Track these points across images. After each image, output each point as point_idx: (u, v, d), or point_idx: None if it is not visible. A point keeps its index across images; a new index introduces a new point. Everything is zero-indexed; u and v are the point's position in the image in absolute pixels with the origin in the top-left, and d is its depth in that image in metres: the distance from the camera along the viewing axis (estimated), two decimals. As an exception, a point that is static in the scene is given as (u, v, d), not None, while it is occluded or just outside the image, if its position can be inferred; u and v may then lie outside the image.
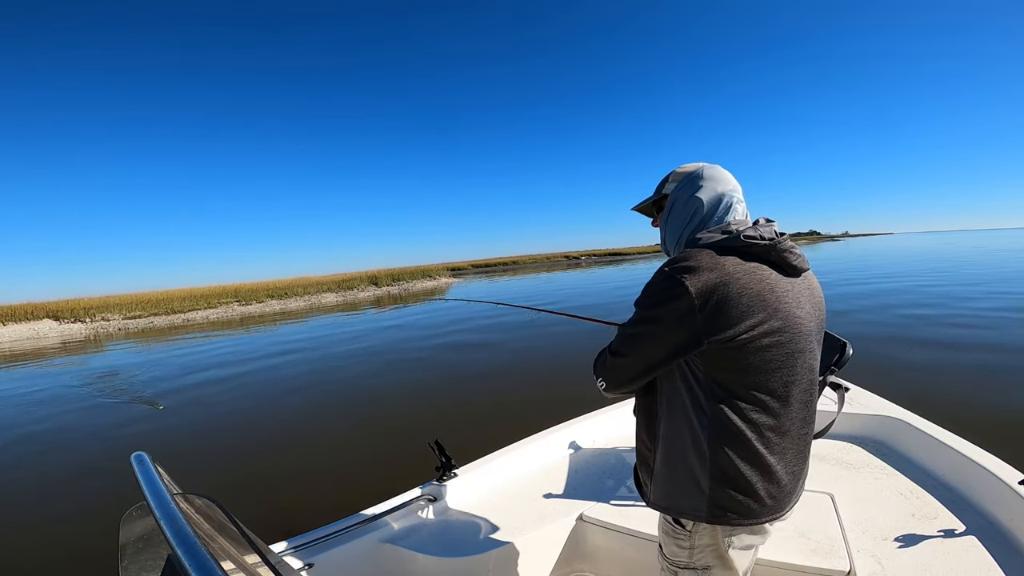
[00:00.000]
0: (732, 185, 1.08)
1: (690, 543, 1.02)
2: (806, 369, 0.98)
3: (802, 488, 1.05)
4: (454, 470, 1.99)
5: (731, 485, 0.95)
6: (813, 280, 1.06)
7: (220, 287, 36.20)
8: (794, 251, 0.98)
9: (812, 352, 0.99)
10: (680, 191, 1.10)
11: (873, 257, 33.79)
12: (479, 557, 1.64)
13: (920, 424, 2.10)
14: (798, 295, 0.97)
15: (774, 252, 0.95)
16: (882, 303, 11.18)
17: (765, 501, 0.96)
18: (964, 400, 4.73)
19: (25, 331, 22.93)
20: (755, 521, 0.97)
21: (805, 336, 0.96)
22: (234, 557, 0.82)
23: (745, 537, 1.00)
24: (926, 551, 1.48)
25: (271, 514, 3.56)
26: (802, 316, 0.96)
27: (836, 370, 1.60)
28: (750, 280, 0.91)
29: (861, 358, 5.85)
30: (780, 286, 0.94)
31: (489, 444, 2.29)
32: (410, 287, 34.46)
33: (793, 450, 0.99)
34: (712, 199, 1.06)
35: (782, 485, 0.97)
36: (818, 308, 1.03)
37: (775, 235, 0.97)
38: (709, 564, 1.01)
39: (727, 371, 0.93)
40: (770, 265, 0.95)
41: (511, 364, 7.88)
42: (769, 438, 0.95)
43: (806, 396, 0.99)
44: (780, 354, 0.93)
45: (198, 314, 25.87)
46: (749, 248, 0.95)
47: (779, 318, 0.92)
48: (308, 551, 1.58)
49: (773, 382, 0.94)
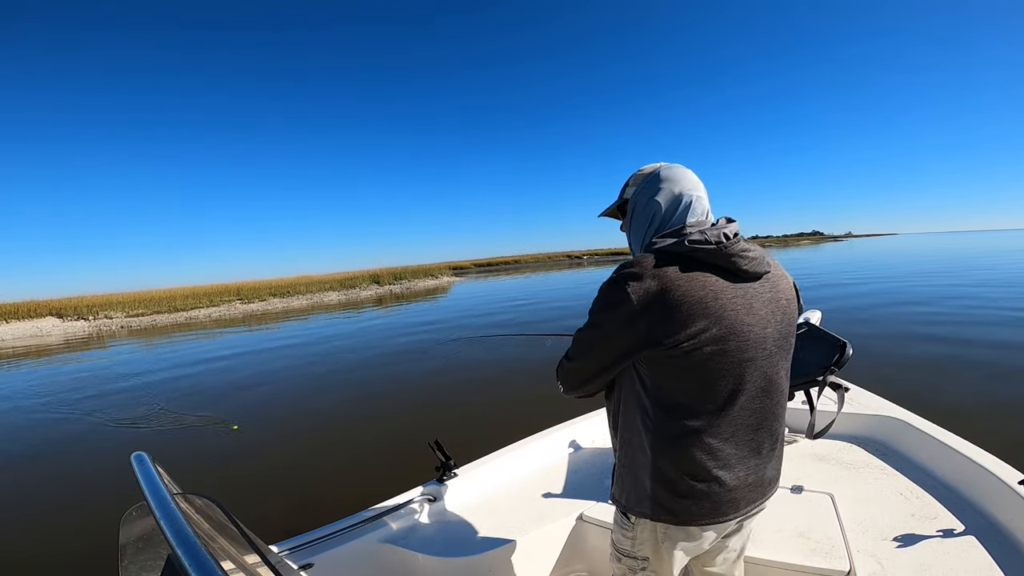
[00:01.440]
0: (690, 184, 1.05)
1: (633, 534, 1.08)
2: (758, 377, 0.96)
3: (762, 496, 1.05)
4: (454, 470, 2.00)
5: (669, 488, 0.98)
6: (780, 283, 1.03)
7: (223, 285, 36.26)
8: (746, 254, 0.95)
9: (769, 359, 0.98)
10: (639, 195, 1.09)
11: (880, 257, 33.68)
12: (479, 557, 1.64)
13: (920, 424, 2.10)
14: (750, 301, 0.95)
15: (721, 256, 0.93)
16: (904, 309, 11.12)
17: (703, 506, 0.98)
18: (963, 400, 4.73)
19: (28, 329, 23.02)
20: (691, 524, 1.00)
21: (756, 344, 0.94)
22: (234, 557, 0.83)
23: (679, 538, 1.03)
24: (926, 551, 1.48)
25: (271, 514, 3.57)
26: (752, 323, 0.94)
27: (836, 370, 1.60)
28: (691, 287, 0.90)
29: (862, 358, 5.81)
30: (726, 293, 0.92)
31: (489, 444, 2.29)
32: (412, 286, 34.49)
33: (740, 459, 0.98)
34: (670, 201, 1.04)
35: (724, 492, 0.98)
36: (780, 313, 1.00)
37: (725, 238, 0.95)
38: (647, 555, 1.07)
39: (670, 377, 0.95)
40: (717, 270, 0.94)
41: (511, 363, 7.87)
42: (711, 445, 0.95)
43: (757, 403, 0.98)
44: (725, 362, 0.92)
45: (200, 312, 25.95)
46: (694, 253, 0.94)
47: (723, 326, 0.91)
48: (308, 551, 1.58)
49: (717, 390, 0.94)
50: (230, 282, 38.82)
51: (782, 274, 1.06)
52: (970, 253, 31.56)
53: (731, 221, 1.02)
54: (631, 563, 1.10)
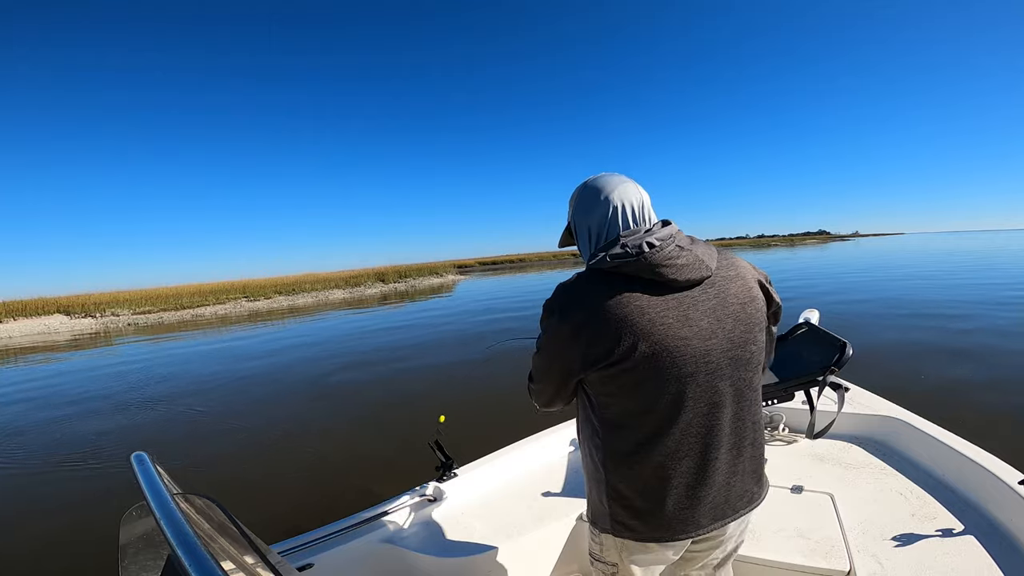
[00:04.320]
0: (617, 192, 0.99)
1: (600, 541, 1.09)
2: (703, 392, 0.91)
3: (732, 512, 1.00)
4: (454, 470, 2.01)
5: (624, 506, 0.99)
6: (729, 286, 0.95)
7: (228, 283, 36.45)
8: (672, 262, 0.89)
9: (716, 372, 0.91)
10: (575, 215, 1.07)
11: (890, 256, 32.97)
12: (479, 557, 1.65)
13: (920, 424, 2.09)
14: (685, 312, 0.89)
15: (643, 267, 0.88)
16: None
17: (659, 523, 0.97)
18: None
19: (36, 326, 23.21)
20: (649, 541, 1.00)
21: (695, 358, 0.89)
22: (234, 557, 0.83)
23: (638, 551, 1.03)
24: (926, 551, 1.48)
25: (271, 514, 3.58)
26: (687, 336, 0.88)
27: (836, 370, 1.60)
28: (614, 305, 0.87)
29: (861, 358, 5.77)
30: (654, 307, 0.87)
31: (489, 444, 2.30)
32: (417, 284, 34.52)
33: (695, 476, 0.94)
34: (598, 214, 1.00)
35: (679, 511, 0.95)
36: (731, 319, 0.93)
37: (648, 246, 0.89)
38: (615, 562, 1.08)
39: (610, 397, 0.94)
40: (643, 282, 0.89)
41: (512, 363, 7.88)
42: (660, 463, 0.93)
43: (707, 420, 0.93)
44: (660, 379, 0.88)
45: (207, 310, 26.09)
46: (618, 268, 0.90)
47: (652, 342, 0.86)
48: (308, 551, 1.59)
49: (657, 408, 0.91)
50: (236, 280, 39.04)
51: (735, 275, 0.97)
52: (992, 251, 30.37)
53: (666, 224, 0.97)
54: (602, 567, 1.11)
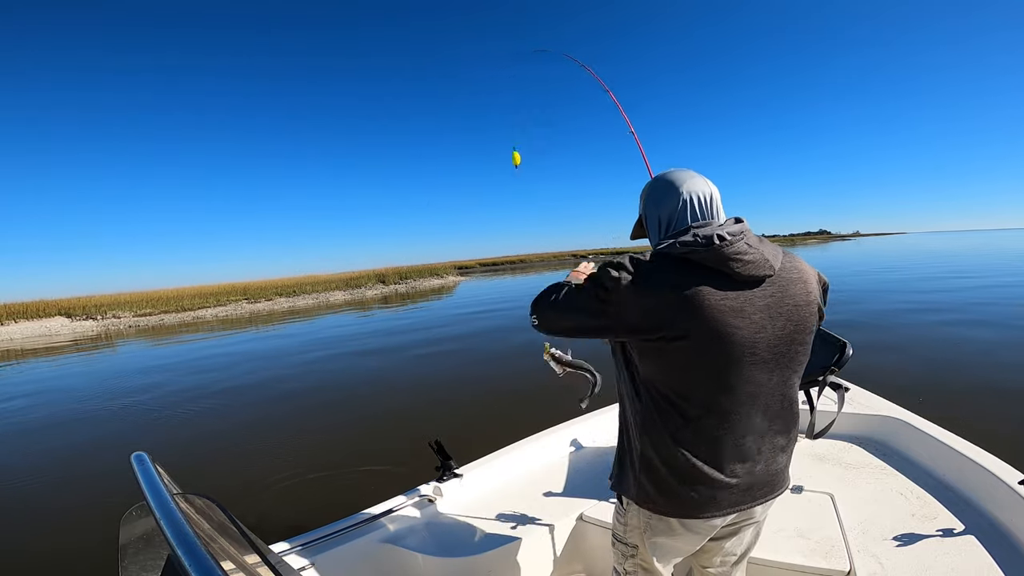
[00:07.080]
0: (688, 185, 1.04)
1: (625, 520, 1.12)
2: (745, 382, 0.95)
3: (752, 499, 1.03)
4: (454, 470, 2.00)
5: (652, 476, 1.02)
6: (789, 287, 0.98)
7: (229, 285, 36.49)
8: (741, 257, 0.92)
9: (760, 365, 0.95)
10: (646, 208, 1.14)
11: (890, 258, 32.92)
12: (479, 557, 1.65)
13: (920, 424, 2.10)
14: (742, 304, 0.92)
15: (712, 258, 0.92)
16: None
17: (681, 499, 1.00)
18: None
19: (37, 328, 23.24)
20: (670, 516, 1.03)
21: (742, 347, 0.92)
22: (234, 557, 0.83)
23: (660, 529, 1.05)
24: (926, 551, 1.48)
25: (271, 514, 3.59)
26: (740, 326, 0.91)
27: (836, 370, 1.60)
28: (677, 286, 0.91)
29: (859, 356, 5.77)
30: (712, 296, 0.91)
31: (489, 444, 2.30)
32: (417, 285, 34.53)
33: (725, 460, 0.98)
34: (669, 206, 1.06)
35: (704, 490, 0.98)
36: (783, 318, 0.96)
37: (719, 239, 0.92)
38: (636, 543, 1.11)
39: (655, 369, 0.98)
40: (710, 272, 0.92)
41: (511, 362, 7.88)
42: (693, 442, 0.97)
43: (745, 408, 0.97)
44: (707, 364, 0.93)
45: (207, 312, 26.11)
46: (688, 255, 0.93)
47: (706, 328, 0.90)
48: (308, 551, 1.59)
49: (700, 390, 0.95)
50: (237, 281, 39.05)
51: (797, 276, 1.00)
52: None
53: (738, 221, 1.00)
54: (623, 548, 1.14)
